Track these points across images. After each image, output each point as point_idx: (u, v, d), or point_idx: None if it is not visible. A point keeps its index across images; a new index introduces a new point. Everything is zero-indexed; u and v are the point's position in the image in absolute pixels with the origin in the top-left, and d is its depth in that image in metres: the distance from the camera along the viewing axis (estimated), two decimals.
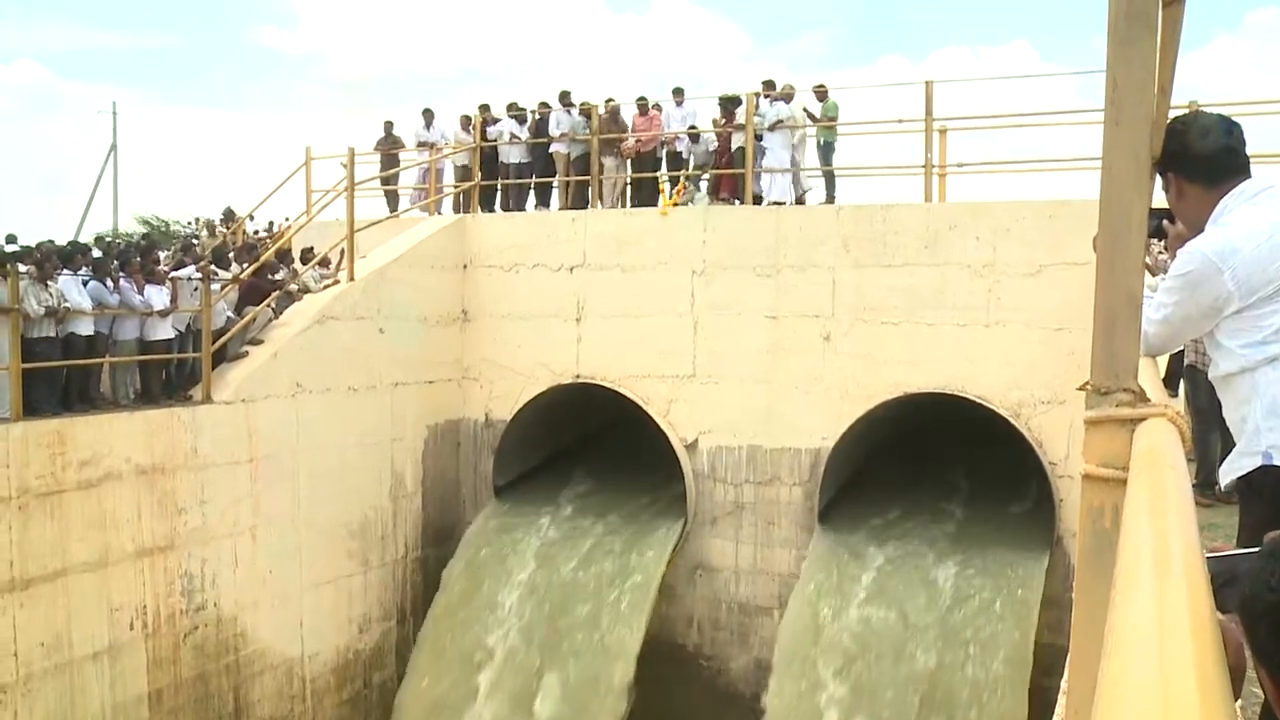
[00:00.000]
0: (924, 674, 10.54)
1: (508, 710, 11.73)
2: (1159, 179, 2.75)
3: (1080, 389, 2.16)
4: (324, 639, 11.79)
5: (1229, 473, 2.74)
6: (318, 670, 11.75)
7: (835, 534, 11.87)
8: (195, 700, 10.27)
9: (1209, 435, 6.82)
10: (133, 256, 10.68)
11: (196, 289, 10.70)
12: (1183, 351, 7.63)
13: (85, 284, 9.87)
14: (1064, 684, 2.77)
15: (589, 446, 14.58)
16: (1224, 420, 2.84)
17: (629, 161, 14.48)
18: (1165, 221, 2.80)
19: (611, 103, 14.46)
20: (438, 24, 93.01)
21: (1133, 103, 2.09)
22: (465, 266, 13.77)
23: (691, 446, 12.63)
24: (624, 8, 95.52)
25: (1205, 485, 6.64)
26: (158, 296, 10.36)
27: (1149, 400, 2.12)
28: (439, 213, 15.15)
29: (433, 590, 12.84)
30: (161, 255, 12.07)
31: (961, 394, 11.38)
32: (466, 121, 15.55)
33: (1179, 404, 7.96)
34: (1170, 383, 7.93)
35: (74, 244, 10.74)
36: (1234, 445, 2.74)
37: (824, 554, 11.70)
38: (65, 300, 9.45)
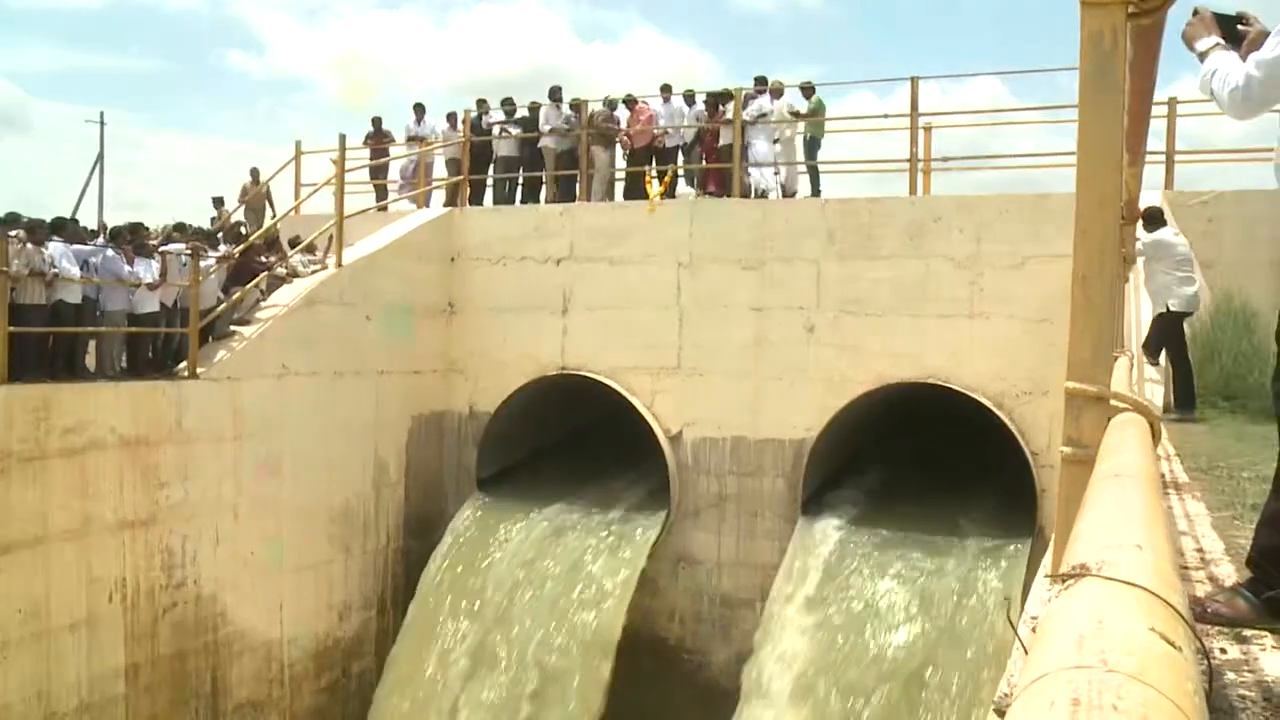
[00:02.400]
0: (905, 663, 10.54)
1: (487, 702, 11.64)
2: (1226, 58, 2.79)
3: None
4: (303, 624, 11.68)
5: None
6: (296, 655, 11.62)
7: (818, 524, 11.90)
8: (172, 677, 10.15)
9: (1186, 371, 8.08)
10: (122, 231, 10.68)
11: (185, 264, 10.69)
12: (1160, 316, 7.87)
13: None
14: None
15: (573, 438, 14.58)
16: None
17: (626, 154, 14.55)
18: (1240, 26, 2.84)
19: (608, 98, 14.58)
20: (405, 54, 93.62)
21: (1100, 155, 2.36)
22: (453, 259, 13.81)
23: (675, 438, 12.66)
24: (592, 37, 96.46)
25: (1186, 406, 7.82)
26: (146, 270, 10.34)
27: (1121, 393, 2.37)
28: (428, 206, 15.20)
29: (414, 582, 12.74)
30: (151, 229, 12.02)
31: (945, 384, 11.48)
32: (454, 118, 15.65)
33: (1160, 370, 8.12)
34: (1150, 350, 8.10)
35: (61, 218, 10.69)
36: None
37: (806, 544, 11.72)
38: (54, 267, 9.42)
